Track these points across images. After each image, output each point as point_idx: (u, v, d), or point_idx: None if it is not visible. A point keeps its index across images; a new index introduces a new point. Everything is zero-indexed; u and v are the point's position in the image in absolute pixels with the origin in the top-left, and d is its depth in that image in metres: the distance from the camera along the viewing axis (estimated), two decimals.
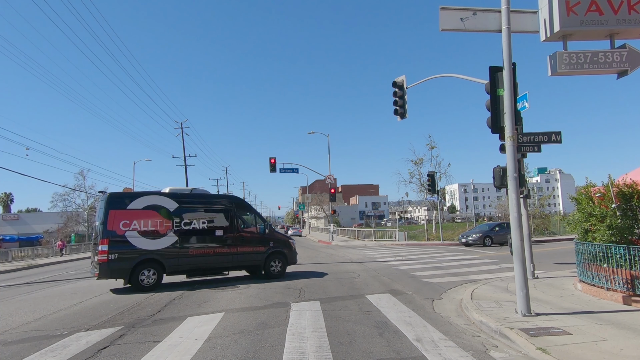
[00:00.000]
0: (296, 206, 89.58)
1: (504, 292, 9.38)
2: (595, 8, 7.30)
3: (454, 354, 5.31)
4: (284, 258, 13.70)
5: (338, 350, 5.56)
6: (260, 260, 13.31)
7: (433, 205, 43.82)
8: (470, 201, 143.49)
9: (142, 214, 11.80)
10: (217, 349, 5.81)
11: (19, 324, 8.27)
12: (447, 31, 7.74)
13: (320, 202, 77.67)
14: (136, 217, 11.69)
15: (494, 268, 14.35)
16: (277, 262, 13.54)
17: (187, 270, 12.52)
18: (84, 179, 53.51)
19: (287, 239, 14.43)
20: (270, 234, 13.83)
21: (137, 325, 7.48)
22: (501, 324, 6.43)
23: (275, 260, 13.52)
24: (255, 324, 7.24)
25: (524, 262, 7.10)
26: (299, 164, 34.57)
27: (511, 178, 7.29)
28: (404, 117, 14.94)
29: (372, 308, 8.25)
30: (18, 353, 6.12)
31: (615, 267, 7.71)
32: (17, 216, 79.38)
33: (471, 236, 26.24)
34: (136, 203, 11.88)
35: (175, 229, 12.12)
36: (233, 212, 13.22)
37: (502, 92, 7.47)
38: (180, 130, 53.69)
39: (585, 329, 6.08)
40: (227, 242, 12.83)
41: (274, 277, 13.26)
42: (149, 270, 11.64)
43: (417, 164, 38.92)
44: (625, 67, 7.34)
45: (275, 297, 9.89)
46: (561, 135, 10.04)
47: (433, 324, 6.91)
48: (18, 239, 53.39)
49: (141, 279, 11.55)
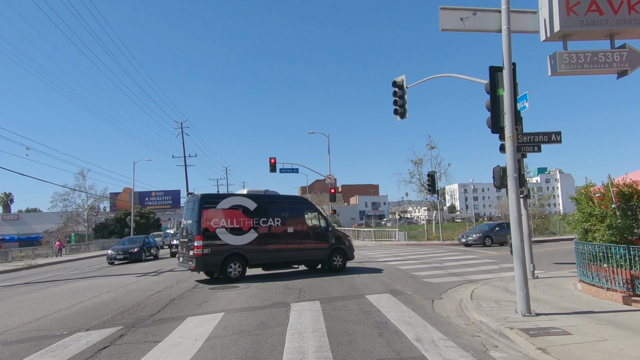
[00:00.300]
0: None
1: (504, 292, 9.38)
2: (595, 8, 7.30)
3: (454, 354, 5.31)
4: (344, 254, 14.91)
5: (338, 350, 5.56)
6: (325, 256, 14.54)
7: (433, 205, 43.83)
8: (470, 201, 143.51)
9: (228, 213, 13.12)
10: (217, 349, 5.81)
11: (19, 324, 8.27)
12: (447, 31, 7.74)
13: (320, 202, 77.39)
14: (224, 215, 13.03)
15: (494, 268, 14.35)
16: (338, 257, 14.74)
17: (265, 264, 13.95)
18: (84, 179, 53.66)
19: (346, 236, 15.67)
20: (332, 231, 15.12)
21: (137, 325, 7.48)
22: (501, 324, 6.43)
23: (337, 256, 14.73)
24: (255, 324, 7.24)
25: (524, 262, 7.10)
26: (299, 164, 34.53)
27: (511, 178, 7.29)
28: (404, 117, 14.93)
29: (372, 308, 8.25)
30: (18, 353, 6.12)
31: (615, 267, 7.71)
32: (17, 216, 79.41)
33: (471, 236, 26.25)
34: (223, 203, 13.26)
35: (255, 226, 13.45)
36: (301, 211, 14.66)
37: (502, 92, 7.47)
38: (180, 130, 53.83)
39: (585, 329, 6.08)
40: (297, 238, 14.15)
41: (336, 271, 14.39)
42: (235, 263, 12.92)
43: (417, 164, 38.92)
44: (625, 67, 7.34)
45: (275, 297, 9.89)
46: (561, 135, 10.05)
47: (433, 324, 6.91)
48: (18, 239, 53.42)
49: (229, 271, 12.79)
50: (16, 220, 74.71)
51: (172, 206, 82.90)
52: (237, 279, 12.78)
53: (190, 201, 13.91)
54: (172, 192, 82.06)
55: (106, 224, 59.18)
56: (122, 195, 69.69)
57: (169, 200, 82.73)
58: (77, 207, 56.18)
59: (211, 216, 12.79)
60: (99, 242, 46.96)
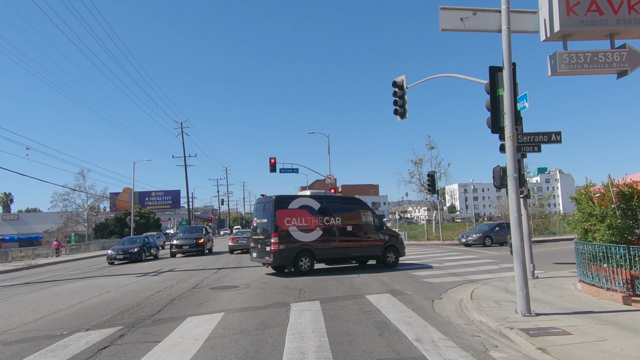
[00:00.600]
0: None
1: (504, 292, 9.38)
2: (595, 8, 7.30)
3: (454, 354, 5.31)
4: (396, 250, 15.74)
5: (338, 350, 5.56)
6: (380, 252, 15.40)
7: (433, 205, 43.81)
8: (470, 201, 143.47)
9: (298, 213, 14.25)
10: (217, 349, 5.80)
11: (19, 324, 8.27)
12: (447, 31, 7.74)
13: None
14: (294, 215, 14.18)
15: (494, 268, 14.35)
16: (391, 253, 15.57)
17: (328, 259, 14.93)
18: (84, 179, 53.61)
19: (398, 235, 16.66)
20: (385, 230, 16.12)
21: (137, 325, 7.48)
22: (501, 324, 6.43)
23: (390, 252, 15.57)
24: (255, 324, 7.24)
25: (524, 262, 7.10)
26: (299, 164, 34.50)
27: (511, 178, 7.28)
28: (404, 117, 14.93)
29: (372, 308, 8.25)
30: (18, 353, 6.12)
31: (615, 267, 7.70)
32: (17, 216, 79.42)
33: (471, 236, 26.24)
34: (293, 204, 14.40)
35: (320, 225, 14.51)
36: (357, 211, 15.57)
37: (502, 92, 7.47)
38: (180, 130, 53.93)
39: (585, 329, 6.08)
40: (355, 236, 15.13)
41: (389, 267, 15.27)
42: (305, 258, 14.06)
43: (417, 164, 38.88)
44: (625, 67, 7.34)
45: (275, 297, 9.88)
46: (561, 135, 10.05)
47: (433, 324, 6.90)
48: (18, 239, 53.44)
49: (300, 265, 13.94)
50: (16, 220, 74.73)
51: (172, 206, 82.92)
52: (307, 272, 13.93)
53: (262, 202, 15.06)
54: (172, 192, 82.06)
55: (106, 224, 59.18)
56: (122, 195, 69.65)
57: (169, 200, 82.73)
58: (77, 207, 56.15)
59: (284, 216, 13.98)
60: (99, 242, 46.93)
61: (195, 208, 78.31)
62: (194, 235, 27.61)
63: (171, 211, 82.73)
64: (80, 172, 53.34)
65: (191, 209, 62.15)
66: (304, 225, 14.22)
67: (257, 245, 14.79)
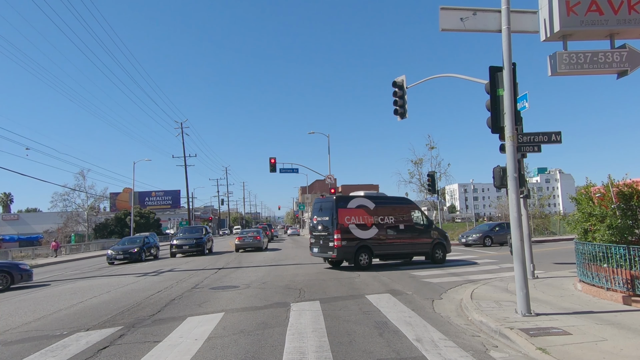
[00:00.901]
0: (296, 206, 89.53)
1: (504, 292, 9.38)
2: (595, 8, 7.29)
3: (454, 354, 5.31)
4: (444, 248, 16.43)
5: (338, 350, 5.56)
6: (429, 249, 16.16)
7: (433, 205, 43.82)
8: (470, 201, 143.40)
9: (356, 212, 15.15)
10: (217, 349, 5.80)
11: (19, 324, 8.27)
12: (447, 31, 7.73)
13: None
14: (353, 213, 15.06)
15: (494, 268, 14.35)
16: (439, 250, 16.27)
17: (383, 255, 15.72)
18: (84, 179, 53.59)
19: (445, 233, 17.38)
20: (433, 228, 16.75)
21: (137, 325, 7.48)
22: (501, 324, 6.42)
23: (439, 250, 16.25)
24: (255, 324, 7.23)
25: (524, 262, 7.10)
26: (299, 164, 34.56)
27: (511, 178, 7.28)
28: (404, 117, 14.94)
29: (372, 308, 8.25)
30: (18, 353, 6.12)
31: (615, 267, 7.70)
32: (17, 216, 79.44)
33: (471, 236, 26.25)
34: (352, 203, 15.32)
35: (375, 223, 15.29)
36: (407, 210, 16.31)
37: (502, 92, 7.46)
38: (180, 130, 53.91)
39: (585, 329, 6.08)
40: (407, 233, 15.86)
41: (437, 263, 15.99)
42: (364, 254, 14.93)
43: (417, 164, 38.82)
44: (625, 67, 7.33)
45: (275, 297, 9.88)
46: (561, 135, 10.05)
47: (433, 324, 6.90)
48: (18, 239, 53.50)
49: (359, 260, 14.79)
50: (16, 220, 74.77)
51: (172, 206, 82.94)
52: (365, 267, 14.76)
53: (322, 201, 16.36)
54: (172, 192, 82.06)
55: (106, 224, 59.17)
56: (122, 195, 69.66)
57: (169, 200, 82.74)
58: (77, 207, 56.14)
59: (344, 214, 14.89)
60: (99, 242, 46.93)
61: (195, 208, 78.30)
62: (194, 235, 27.60)
63: (171, 211, 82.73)
64: (80, 172, 53.38)
65: (191, 209, 62.13)
66: (361, 223, 15.04)
67: (319, 241, 15.73)
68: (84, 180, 53.54)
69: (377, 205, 15.65)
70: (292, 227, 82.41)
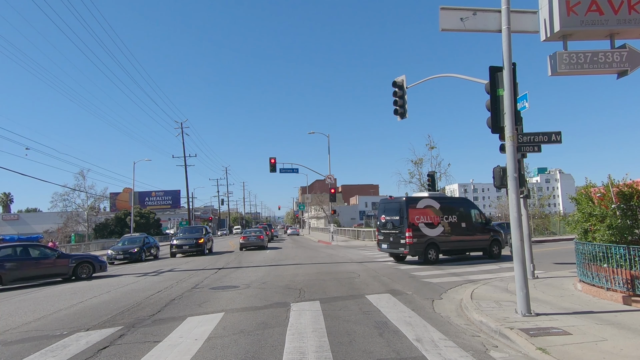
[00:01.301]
0: (296, 206, 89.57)
1: (504, 292, 9.38)
2: (595, 8, 7.30)
3: (454, 354, 5.31)
4: (499, 244, 17.68)
5: (338, 350, 5.56)
6: (487, 245, 17.44)
7: None
8: None
9: (424, 212, 16.37)
10: (217, 349, 5.81)
11: (19, 324, 8.27)
12: (447, 31, 7.73)
13: (320, 202, 77.55)
14: (421, 213, 16.31)
15: (494, 268, 14.35)
16: (496, 247, 17.54)
17: (448, 251, 16.99)
18: (84, 179, 53.58)
19: (500, 231, 18.34)
20: (490, 226, 18.01)
21: (137, 325, 7.48)
22: (501, 324, 6.43)
23: (495, 246, 17.53)
24: (255, 324, 7.23)
25: (524, 262, 7.10)
26: (299, 164, 34.64)
27: (511, 178, 7.28)
28: (404, 117, 14.95)
29: (372, 308, 8.25)
30: (18, 353, 6.12)
31: (615, 267, 7.70)
32: (17, 216, 79.50)
33: None
34: (420, 203, 16.47)
35: (441, 221, 16.56)
36: (467, 209, 17.55)
37: (502, 92, 7.47)
38: (180, 130, 53.94)
39: (585, 329, 6.08)
40: (468, 231, 17.10)
41: (494, 258, 17.16)
42: (432, 250, 16.15)
43: (417, 164, 38.75)
44: (625, 67, 7.33)
45: (275, 297, 9.88)
46: (561, 135, 10.05)
47: (433, 324, 6.90)
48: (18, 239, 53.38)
49: (428, 255, 16.01)
50: (16, 220, 74.84)
51: (172, 206, 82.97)
52: (433, 262, 15.90)
53: (391, 202, 17.38)
54: (172, 192, 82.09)
55: (106, 224, 59.16)
56: (122, 195, 69.70)
57: (169, 200, 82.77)
58: (77, 207, 56.12)
59: (414, 214, 16.11)
60: (99, 242, 46.92)
61: (195, 208, 78.29)
62: (194, 235, 27.59)
63: (171, 211, 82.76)
64: (80, 172, 53.35)
65: (191, 209, 62.12)
66: (429, 222, 16.27)
67: (389, 238, 16.95)
68: (84, 180, 53.57)
69: (442, 205, 16.83)
70: (292, 227, 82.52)
